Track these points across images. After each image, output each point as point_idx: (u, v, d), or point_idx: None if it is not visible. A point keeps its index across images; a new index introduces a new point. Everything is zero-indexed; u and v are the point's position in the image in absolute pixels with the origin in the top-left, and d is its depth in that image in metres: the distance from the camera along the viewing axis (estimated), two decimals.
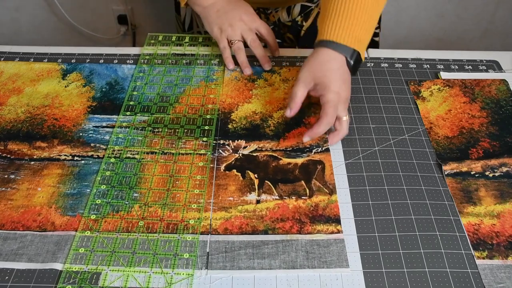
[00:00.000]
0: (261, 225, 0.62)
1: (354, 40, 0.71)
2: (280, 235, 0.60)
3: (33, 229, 0.62)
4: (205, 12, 0.86)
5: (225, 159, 0.70)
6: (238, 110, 0.77)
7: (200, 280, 0.57)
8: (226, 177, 0.67)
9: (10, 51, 0.90)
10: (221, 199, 0.65)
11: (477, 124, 0.75)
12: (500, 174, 0.68)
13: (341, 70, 0.71)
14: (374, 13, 0.73)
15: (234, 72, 0.84)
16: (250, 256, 0.58)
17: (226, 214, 0.63)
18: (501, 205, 0.64)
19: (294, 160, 0.70)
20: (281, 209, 0.63)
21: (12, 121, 0.76)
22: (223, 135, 0.73)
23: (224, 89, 0.80)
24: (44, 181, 0.67)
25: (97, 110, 0.78)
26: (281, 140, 0.73)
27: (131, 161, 0.70)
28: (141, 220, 0.63)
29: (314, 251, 0.59)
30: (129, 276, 0.57)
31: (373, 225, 0.62)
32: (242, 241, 0.60)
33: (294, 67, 0.85)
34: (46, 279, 0.57)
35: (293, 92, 0.71)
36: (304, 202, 0.64)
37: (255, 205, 0.64)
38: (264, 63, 0.84)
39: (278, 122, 0.75)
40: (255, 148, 0.71)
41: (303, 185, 0.66)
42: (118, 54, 0.89)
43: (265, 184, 0.67)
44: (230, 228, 0.61)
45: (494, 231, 0.61)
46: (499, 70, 0.85)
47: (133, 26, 1.90)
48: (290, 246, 0.59)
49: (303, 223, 0.62)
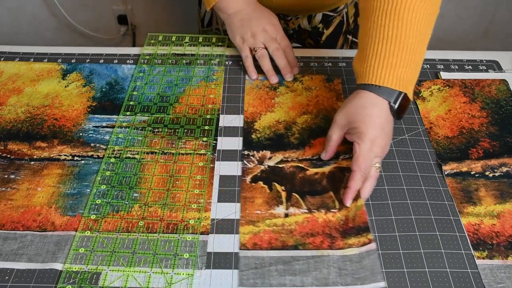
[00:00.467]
0: (291, 240, 0.60)
1: (397, 81, 0.64)
2: (310, 251, 0.59)
3: (33, 229, 0.62)
4: (229, 19, 0.85)
5: (250, 171, 0.68)
6: (261, 120, 0.75)
7: (200, 280, 0.57)
8: (252, 189, 0.66)
9: (10, 51, 0.90)
10: (248, 213, 0.63)
11: (477, 124, 0.75)
12: (500, 174, 0.68)
13: (382, 117, 0.65)
14: (418, 49, 0.65)
15: (255, 81, 0.83)
16: (281, 273, 0.57)
17: (254, 228, 0.61)
18: (501, 205, 0.64)
19: (321, 169, 0.68)
20: (311, 223, 0.62)
21: (12, 121, 0.76)
22: (247, 146, 0.72)
23: (245, 98, 0.79)
24: (44, 181, 0.67)
25: (97, 110, 0.78)
26: (307, 147, 0.71)
27: (131, 161, 0.70)
28: (141, 220, 0.63)
29: (346, 267, 0.57)
30: (129, 276, 0.57)
31: (373, 225, 0.62)
32: (272, 256, 0.58)
33: (316, 76, 0.83)
34: (46, 279, 0.57)
35: (328, 135, 0.68)
36: (333, 216, 0.62)
37: (284, 218, 0.62)
38: (286, 74, 0.82)
39: (302, 128, 0.74)
40: (280, 159, 0.69)
41: (332, 197, 0.65)
42: (118, 54, 0.89)
43: (293, 197, 0.65)
44: (259, 243, 0.60)
45: (494, 231, 0.61)
46: (499, 70, 0.85)
47: (133, 26, 1.90)
48: (322, 263, 0.58)
49: (334, 238, 0.60)
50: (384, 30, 0.64)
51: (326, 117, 0.73)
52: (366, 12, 0.67)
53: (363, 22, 0.69)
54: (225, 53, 0.89)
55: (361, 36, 0.69)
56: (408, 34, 0.64)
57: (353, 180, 0.63)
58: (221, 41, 0.92)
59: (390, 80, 0.64)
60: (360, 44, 0.69)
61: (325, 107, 0.77)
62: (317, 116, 0.76)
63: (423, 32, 0.65)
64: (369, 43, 0.66)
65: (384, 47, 0.64)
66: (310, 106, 0.77)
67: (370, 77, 0.65)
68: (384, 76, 0.64)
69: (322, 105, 0.77)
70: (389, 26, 0.64)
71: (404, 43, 0.64)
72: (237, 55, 0.88)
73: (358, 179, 0.63)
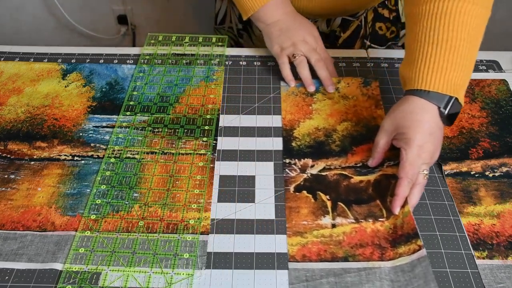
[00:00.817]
0: (340, 251, 0.59)
1: (448, 85, 0.62)
2: (361, 263, 0.58)
3: (33, 229, 0.62)
4: (267, 29, 0.83)
5: (293, 180, 0.67)
6: (300, 127, 0.74)
7: (200, 280, 0.57)
8: (297, 199, 0.65)
9: (10, 51, 0.90)
10: (295, 223, 0.62)
11: (477, 124, 0.75)
12: (500, 174, 0.68)
13: (431, 123, 0.63)
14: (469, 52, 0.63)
15: (291, 87, 0.81)
16: (333, 285, 0.56)
17: (302, 240, 0.60)
18: (501, 205, 0.64)
19: (366, 177, 0.66)
20: (359, 234, 0.61)
21: (12, 121, 0.76)
22: (288, 154, 0.70)
23: (282, 105, 0.78)
24: (44, 181, 0.67)
25: (97, 110, 0.78)
26: (349, 155, 0.70)
27: (131, 161, 0.70)
28: (141, 220, 0.63)
29: (399, 279, 0.56)
30: (129, 276, 0.57)
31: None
32: (322, 269, 0.57)
33: (353, 81, 0.81)
34: (46, 279, 0.57)
35: (375, 141, 0.67)
36: (382, 225, 0.61)
37: (331, 229, 0.61)
38: (328, 85, 0.79)
39: (343, 135, 0.72)
40: (323, 166, 0.68)
41: (378, 205, 0.64)
42: (118, 54, 0.89)
43: (339, 206, 0.64)
44: (308, 254, 0.59)
45: (494, 231, 0.61)
46: (499, 70, 0.85)
47: (133, 26, 1.90)
48: (373, 275, 0.56)
49: (384, 249, 0.59)
50: (434, 33, 0.63)
51: (367, 125, 0.72)
52: (414, 17, 0.66)
53: (410, 27, 0.67)
54: (225, 53, 0.89)
55: (409, 41, 0.67)
56: (459, 37, 0.62)
57: (400, 187, 0.62)
58: (221, 41, 0.92)
59: (440, 84, 0.62)
60: (407, 49, 0.68)
61: (364, 117, 0.75)
62: (358, 124, 0.74)
63: (474, 35, 0.63)
64: (417, 48, 0.64)
65: (434, 51, 0.63)
66: (349, 114, 0.76)
67: (419, 82, 0.63)
68: (433, 81, 0.62)
69: (361, 114, 0.76)
70: (439, 29, 0.63)
71: (455, 47, 0.62)
72: (237, 55, 0.88)
73: (405, 186, 0.62)
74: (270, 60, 0.87)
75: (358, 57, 0.87)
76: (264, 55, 0.88)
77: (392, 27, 0.97)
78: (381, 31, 0.97)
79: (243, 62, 0.87)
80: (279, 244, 0.61)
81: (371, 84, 0.80)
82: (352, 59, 0.87)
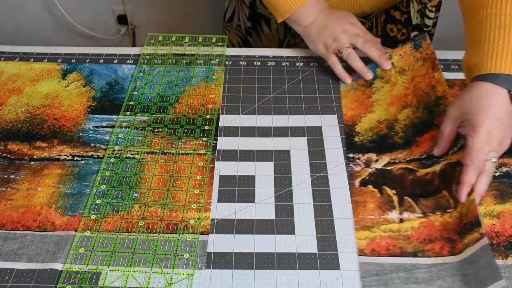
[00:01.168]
0: (409, 246, 0.59)
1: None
2: (431, 258, 0.57)
3: (33, 229, 0.62)
4: (306, 31, 0.82)
5: (358, 174, 0.67)
6: (361, 122, 0.74)
7: (200, 280, 0.57)
8: (362, 193, 0.65)
9: (10, 51, 0.90)
10: (362, 217, 0.62)
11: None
12: (500, 174, 0.68)
13: (500, 107, 0.60)
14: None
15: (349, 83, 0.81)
16: (403, 281, 0.55)
17: (370, 234, 0.60)
18: (501, 205, 0.64)
19: (431, 168, 0.65)
20: (427, 228, 0.60)
21: (12, 121, 0.76)
22: (351, 149, 0.70)
23: (343, 102, 0.77)
24: (44, 181, 0.67)
25: (97, 110, 0.78)
26: (413, 147, 0.69)
27: (131, 161, 0.70)
28: (141, 220, 0.63)
29: (468, 272, 0.54)
30: (129, 276, 0.57)
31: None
32: (392, 263, 0.57)
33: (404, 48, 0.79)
34: (46, 279, 0.57)
35: (440, 129, 0.66)
36: (450, 216, 0.60)
37: (399, 224, 0.61)
38: (383, 63, 0.78)
39: (405, 125, 0.71)
40: (387, 161, 0.68)
41: (445, 196, 0.62)
42: (118, 54, 0.89)
43: (405, 201, 0.63)
44: (377, 249, 0.59)
45: (494, 231, 0.61)
46: None
47: (133, 26, 1.91)
48: (444, 271, 0.56)
49: (453, 242, 0.58)
50: (500, 18, 0.62)
51: (428, 107, 0.71)
52: (474, 7, 0.66)
53: (472, 17, 0.66)
54: (225, 53, 0.89)
55: (472, 31, 0.66)
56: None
57: (467, 174, 0.60)
58: (221, 41, 0.92)
59: (509, 66, 0.60)
60: (470, 38, 0.67)
61: (423, 91, 0.74)
62: (418, 108, 0.73)
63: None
64: (483, 34, 0.63)
65: (502, 35, 0.61)
66: (408, 96, 0.74)
67: (488, 66, 0.62)
68: (502, 63, 0.60)
69: (420, 89, 0.74)
70: (505, 14, 0.62)
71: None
72: (237, 55, 0.88)
73: (472, 173, 0.59)
74: (270, 60, 0.87)
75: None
76: (264, 55, 0.88)
77: (403, 29, 0.97)
78: (392, 33, 0.97)
79: (243, 62, 0.87)
80: (279, 244, 0.61)
81: (422, 45, 0.79)
82: None
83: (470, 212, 0.58)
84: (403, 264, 0.57)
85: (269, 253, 0.60)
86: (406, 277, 0.56)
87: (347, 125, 0.74)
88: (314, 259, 0.59)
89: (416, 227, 0.60)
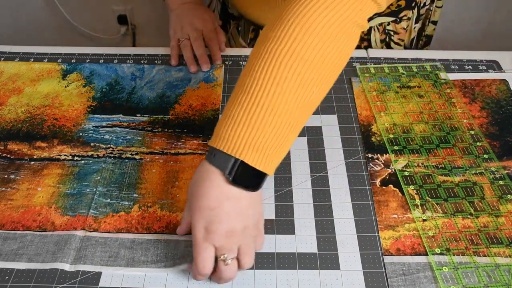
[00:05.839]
0: (434, 245, 0.59)
1: (238, 143, 0.49)
2: (456, 257, 0.58)
3: (33, 229, 0.62)
4: (170, 15, 0.92)
5: (378, 174, 0.68)
6: (377, 123, 0.74)
7: (199, 280, 0.57)
8: (384, 193, 0.65)
9: (10, 51, 0.90)
10: (385, 217, 0.62)
11: (477, 124, 0.75)
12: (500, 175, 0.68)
13: (212, 192, 0.50)
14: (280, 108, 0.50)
15: (362, 83, 0.81)
16: (430, 280, 0.56)
17: (394, 233, 0.61)
18: (501, 205, 0.64)
19: (449, 178, 0.66)
20: (450, 228, 0.61)
21: (12, 121, 0.76)
22: (369, 149, 0.71)
23: (356, 102, 0.78)
24: (44, 181, 0.67)
25: (97, 110, 0.78)
26: (430, 156, 0.69)
27: (131, 161, 0.70)
28: (141, 220, 0.63)
29: (495, 275, 0.56)
30: (129, 276, 0.57)
31: (373, 225, 0.62)
32: (418, 262, 0.58)
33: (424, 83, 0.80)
34: (46, 279, 0.57)
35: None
36: (472, 222, 0.61)
37: (422, 223, 0.61)
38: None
39: (421, 137, 0.72)
40: (406, 163, 0.68)
41: (465, 203, 0.64)
42: (118, 54, 0.89)
43: (427, 200, 0.64)
44: (403, 248, 0.59)
45: None
46: (499, 70, 0.85)
47: (133, 26, 1.90)
48: (471, 269, 0.57)
49: (477, 245, 0.59)
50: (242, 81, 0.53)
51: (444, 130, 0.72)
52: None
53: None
54: (224, 53, 0.89)
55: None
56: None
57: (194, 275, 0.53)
58: None
59: (224, 142, 0.51)
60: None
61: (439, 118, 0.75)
62: (434, 126, 0.74)
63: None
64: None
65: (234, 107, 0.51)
66: (424, 114, 0.75)
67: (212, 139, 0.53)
68: (220, 136, 0.51)
69: (435, 114, 0.76)
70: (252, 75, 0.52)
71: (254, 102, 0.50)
72: (237, 55, 0.88)
73: (199, 276, 0.52)
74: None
75: (358, 57, 0.87)
76: None
77: None
78: None
79: (243, 62, 0.87)
80: (279, 244, 0.61)
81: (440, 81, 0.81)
82: (352, 58, 0.87)
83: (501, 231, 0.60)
84: (429, 263, 0.58)
85: (269, 253, 0.60)
86: (433, 276, 0.56)
87: (363, 125, 0.75)
88: (314, 259, 0.59)
89: (439, 226, 0.61)
